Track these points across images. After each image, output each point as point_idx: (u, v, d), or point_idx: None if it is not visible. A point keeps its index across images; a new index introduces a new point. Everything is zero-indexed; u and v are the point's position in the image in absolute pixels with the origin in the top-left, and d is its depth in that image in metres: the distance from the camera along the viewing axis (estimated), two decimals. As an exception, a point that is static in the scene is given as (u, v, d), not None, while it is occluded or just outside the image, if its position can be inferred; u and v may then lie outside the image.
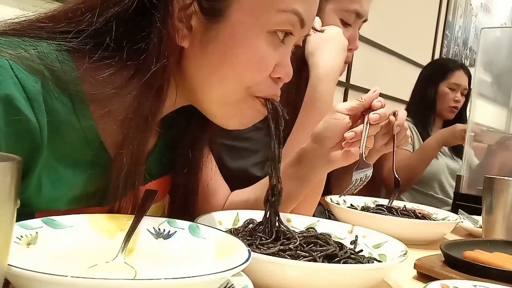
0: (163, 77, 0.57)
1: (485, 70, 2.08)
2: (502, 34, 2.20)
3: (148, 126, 0.58)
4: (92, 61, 0.55)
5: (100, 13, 0.55)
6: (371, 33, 2.58)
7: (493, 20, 4.00)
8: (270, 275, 0.53)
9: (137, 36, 0.56)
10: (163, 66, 0.56)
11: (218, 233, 0.55)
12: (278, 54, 0.61)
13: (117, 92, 0.56)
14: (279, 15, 0.58)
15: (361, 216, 0.95)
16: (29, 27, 0.56)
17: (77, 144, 0.56)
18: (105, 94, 0.55)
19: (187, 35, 0.58)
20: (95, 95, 0.55)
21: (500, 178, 0.96)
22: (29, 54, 0.52)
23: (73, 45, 0.55)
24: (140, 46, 0.56)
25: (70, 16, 0.56)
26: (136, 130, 0.57)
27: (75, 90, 0.54)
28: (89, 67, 0.55)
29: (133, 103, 0.56)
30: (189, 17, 0.57)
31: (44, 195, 0.55)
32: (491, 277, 0.62)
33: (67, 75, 0.54)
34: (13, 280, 0.38)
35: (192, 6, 0.57)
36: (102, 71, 0.55)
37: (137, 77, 0.56)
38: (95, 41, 0.55)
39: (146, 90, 0.56)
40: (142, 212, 0.57)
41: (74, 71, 0.54)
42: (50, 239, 0.49)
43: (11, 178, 0.31)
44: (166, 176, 0.72)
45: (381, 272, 0.57)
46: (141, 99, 0.56)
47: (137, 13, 0.56)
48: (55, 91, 0.53)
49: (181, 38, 0.58)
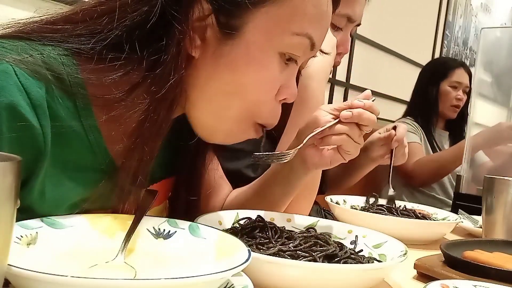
0: (178, 88, 0.56)
1: (485, 70, 2.08)
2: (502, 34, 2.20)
3: (159, 135, 0.57)
4: (99, 64, 0.54)
5: (119, 18, 0.55)
6: (371, 33, 2.57)
7: (493, 20, 3.99)
8: (270, 275, 0.53)
9: (152, 42, 0.55)
10: (180, 78, 0.56)
11: (218, 233, 0.55)
12: (284, 76, 0.61)
13: (124, 97, 0.55)
14: (293, 38, 0.58)
15: (361, 216, 0.95)
16: (41, 29, 0.55)
17: (81, 150, 0.56)
18: (111, 97, 0.54)
19: (200, 45, 0.58)
20: (101, 99, 0.55)
21: (500, 178, 0.96)
22: (33, 59, 0.51)
23: (84, 48, 0.54)
24: (157, 57, 0.55)
25: (87, 19, 0.56)
26: (148, 139, 0.56)
27: (79, 94, 0.54)
28: (95, 70, 0.54)
29: (145, 111, 0.55)
30: (205, 28, 0.57)
31: (47, 200, 0.54)
32: (491, 277, 0.62)
33: (71, 78, 0.53)
34: (13, 280, 0.38)
35: (210, 18, 0.56)
36: (109, 73, 0.54)
37: (149, 85, 0.55)
38: (107, 45, 0.54)
39: (160, 100, 0.55)
40: (142, 212, 0.57)
41: (79, 74, 0.54)
42: (50, 239, 0.49)
43: (11, 178, 0.31)
44: (167, 179, 0.72)
45: (381, 272, 0.58)
46: (156, 109, 0.55)
47: (156, 22, 0.55)
48: (59, 96, 0.52)
49: (194, 48, 0.57)
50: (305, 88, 0.93)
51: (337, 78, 2.45)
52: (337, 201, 1.08)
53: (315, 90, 0.93)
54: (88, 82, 0.54)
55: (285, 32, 0.58)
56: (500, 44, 2.12)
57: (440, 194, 2.19)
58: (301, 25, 0.58)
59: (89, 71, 0.54)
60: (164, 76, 0.55)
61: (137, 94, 0.55)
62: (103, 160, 0.58)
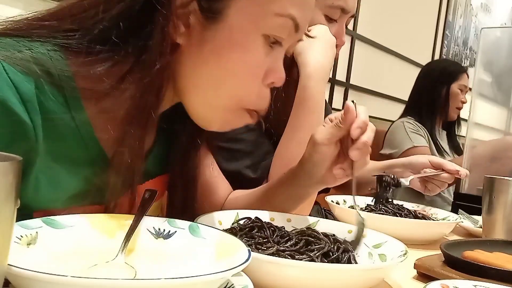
0: (164, 74, 0.57)
1: (485, 70, 2.08)
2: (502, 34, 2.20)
3: (149, 122, 0.58)
4: (87, 56, 0.55)
5: (104, 9, 0.55)
6: (372, 33, 2.58)
7: (493, 20, 4.00)
8: (270, 275, 0.53)
9: (139, 32, 0.56)
10: (166, 62, 0.56)
11: (218, 233, 0.55)
12: (269, 59, 0.61)
13: (114, 88, 0.55)
14: (276, 19, 0.59)
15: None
16: (29, 26, 0.56)
17: (72, 142, 0.56)
18: (100, 89, 0.55)
19: (184, 32, 0.58)
20: (90, 91, 0.55)
21: (500, 178, 0.96)
22: (22, 54, 0.52)
23: (72, 42, 0.55)
24: (143, 43, 0.56)
25: (74, 13, 0.56)
26: (137, 127, 0.57)
27: (69, 88, 0.54)
28: (84, 62, 0.55)
29: (133, 98, 0.56)
30: (188, 14, 0.58)
31: (42, 195, 0.55)
32: (491, 277, 0.62)
33: (60, 72, 0.54)
34: (13, 280, 0.38)
35: (192, 4, 0.57)
36: (98, 66, 0.55)
37: (136, 73, 0.56)
38: (95, 37, 0.55)
39: (147, 86, 0.56)
40: (142, 212, 0.57)
41: (68, 68, 0.54)
42: (50, 239, 0.49)
43: (11, 178, 0.31)
44: (164, 175, 0.72)
45: (381, 272, 0.58)
46: (143, 95, 0.56)
47: (140, 9, 0.56)
48: (49, 90, 0.53)
49: (178, 35, 0.58)
50: (305, 88, 0.93)
51: (337, 78, 2.46)
52: (337, 201, 1.08)
53: (315, 89, 0.93)
54: (77, 75, 0.55)
55: (268, 14, 0.58)
56: (500, 44, 2.12)
57: (445, 193, 2.20)
58: (283, 6, 0.58)
59: (77, 65, 0.55)
60: (150, 63, 0.56)
61: (126, 84, 0.56)
62: (95, 153, 0.58)
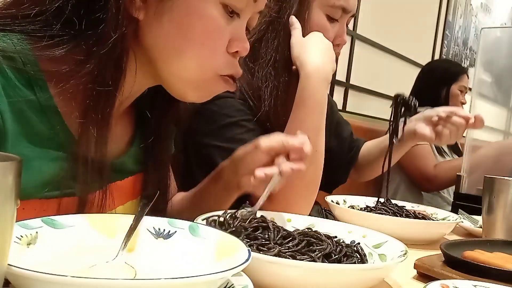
0: (122, 47, 0.58)
1: (485, 70, 2.08)
2: (502, 34, 2.20)
3: (110, 96, 0.58)
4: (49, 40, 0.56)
5: None
6: (372, 33, 2.58)
7: (493, 20, 4.00)
8: (270, 275, 0.53)
9: (94, 7, 0.56)
10: (122, 35, 0.57)
11: (218, 233, 0.55)
12: (231, 28, 0.63)
13: (76, 67, 0.56)
14: None
15: (361, 216, 0.95)
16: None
17: (40, 126, 0.57)
18: (63, 70, 0.56)
19: (142, 6, 0.59)
20: (54, 73, 0.56)
21: (500, 178, 0.96)
22: None
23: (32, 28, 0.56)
24: (98, 17, 0.56)
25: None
26: (97, 99, 0.57)
27: (33, 71, 0.55)
28: (45, 46, 0.56)
29: (91, 73, 0.57)
30: None
31: None
32: (491, 277, 0.62)
33: (23, 57, 0.54)
34: (13, 280, 0.38)
35: None
36: (60, 47, 0.56)
37: (95, 48, 0.57)
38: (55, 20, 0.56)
39: (105, 59, 0.57)
40: (142, 212, 0.57)
41: (31, 52, 0.55)
42: (50, 239, 0.49)
43: (11, 178, 0.31)
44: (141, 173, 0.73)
45: (381, 272, 0.58)
46: (100, 69, 0.57)
47: None
48: (13, 75, 0.54)
49: (136, 9, 0.59)
50: (304, 88, 0.93)
51: (337, 78, 2.45)
52: (337, 201, 1.08)
53: (314, 88, 0.93)
54: (40, 59, 0.56)
55: None
56: (500, 44, 2.12)
57: (444, 193, 2.21)
58: None
59: (40, 49, 0.56)
60: (106, 35, 0.56)
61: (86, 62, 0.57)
62: (64, 135, 0.59)
